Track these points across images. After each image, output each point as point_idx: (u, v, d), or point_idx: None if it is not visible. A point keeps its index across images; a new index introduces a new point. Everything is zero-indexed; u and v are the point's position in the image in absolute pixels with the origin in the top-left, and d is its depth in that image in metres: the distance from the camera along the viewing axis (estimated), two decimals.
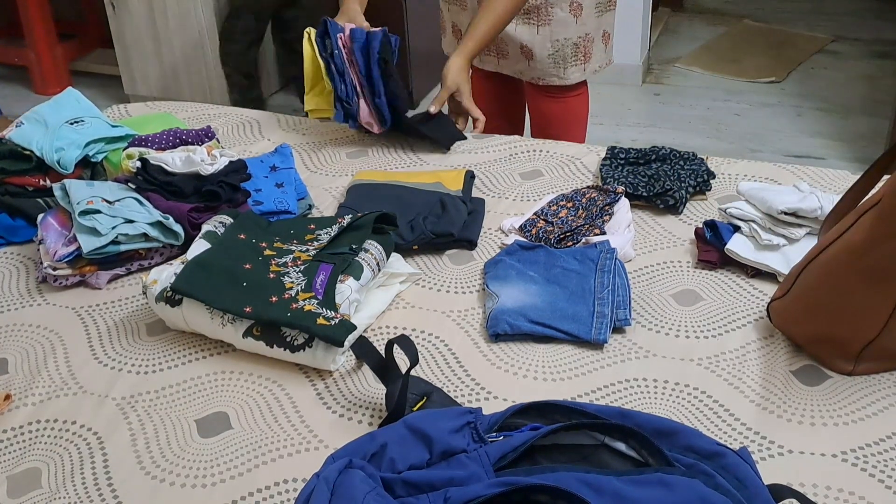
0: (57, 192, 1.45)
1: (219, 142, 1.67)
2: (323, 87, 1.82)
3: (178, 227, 1.43)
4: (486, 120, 1.88)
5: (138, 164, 1.52)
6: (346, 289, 1.23)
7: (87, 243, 1.36)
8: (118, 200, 1.43)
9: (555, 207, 1.53)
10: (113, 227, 1.38)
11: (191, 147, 1.57)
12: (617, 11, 2.12)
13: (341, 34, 1.75)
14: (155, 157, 1.51)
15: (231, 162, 1.52)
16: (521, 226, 1.51)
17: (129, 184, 1.49)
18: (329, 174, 1.74)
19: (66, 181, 1.47)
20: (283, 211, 1.55)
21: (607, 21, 2.07)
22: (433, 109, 1.83)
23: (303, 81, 1.85)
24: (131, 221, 1.40)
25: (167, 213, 1.43)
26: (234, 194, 1.49)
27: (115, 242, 1.39)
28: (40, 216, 1.46)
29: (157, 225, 1.42)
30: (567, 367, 1.20)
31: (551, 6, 1.95)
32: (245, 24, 3.48)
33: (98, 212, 1.39)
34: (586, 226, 1.45)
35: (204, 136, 1.64)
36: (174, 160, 1.50)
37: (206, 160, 1.49)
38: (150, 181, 1.49)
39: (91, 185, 1.46)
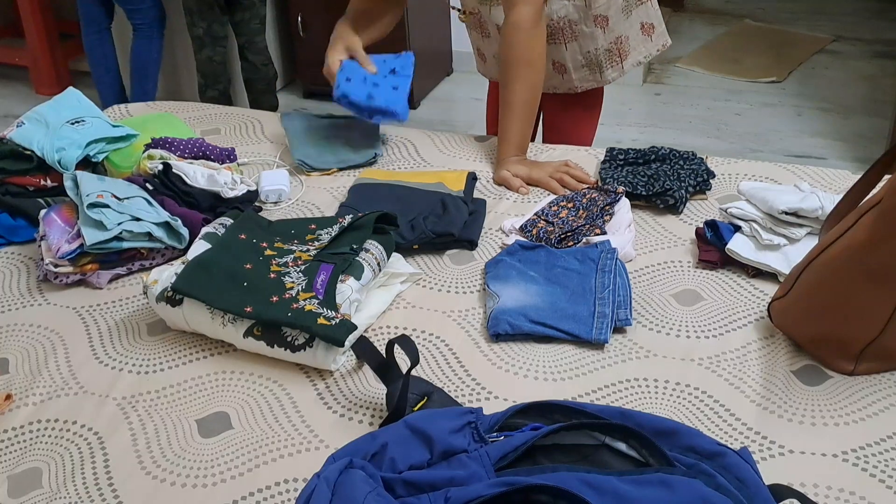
0: (67, 183, 1.45)
1: (239, 165, 1.67)
2: None
3: (184, 230, 1.43)
4: None
5: (159, 166, 1.53)
6: (347, 289, 1.23)
7: (91, 236, 1.36)
8: (127, 198, 1.43)
9: (555, 208, 1.53)
10: (119, 224, 1.38)
11: (214, 165, 1.59)
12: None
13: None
14: (177, 166, 1.53)
15: (249, 191, 1.57)
16: (521, 226, 1.51)
17: (148, 184, 1.50)
18: (330, 174, 1.74)
19: (78, 172, 1.48)
20: (392, 112, 1.64)
21: (643, 13, 1.99)
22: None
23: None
24: (138, 220, 1.41)
25: (180, 217, 1.44)
26: None
27: (118, 238, 1.39)
28: (42, 211, 1.46)
29: (164, 226, 1.43)
30: (568, 367, 1.20)
31: (574, 24, 1.90)
32: (195, 28, 3.52)
33: (106, 206, 1.39)
34: (587, 226, 1.45)
35: (227, 156, 1.65)
36: (195, 174, 1.52)
37: (228, 183, 1.53)
38: (167, 186, 1.50)
39: (102, 180, 1.47)
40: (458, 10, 2.06)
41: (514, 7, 1.66)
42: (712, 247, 1.40)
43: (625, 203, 1.51)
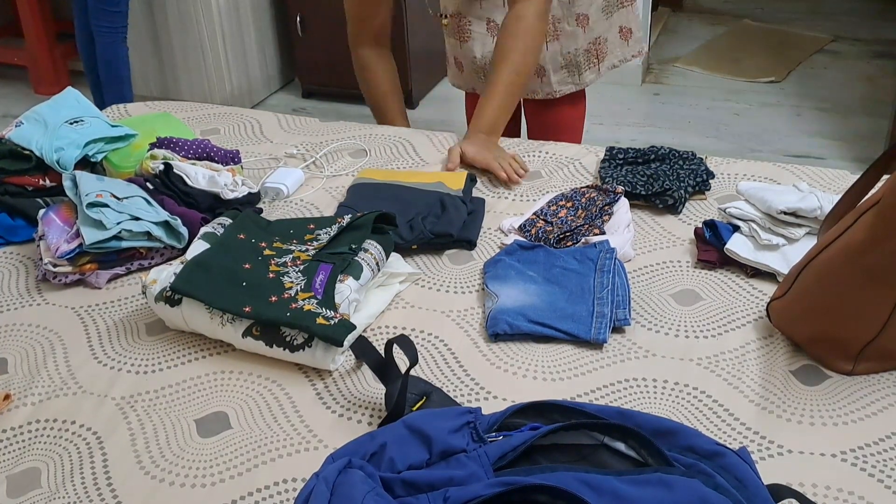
0: (66, 183, 1.45)
1: (242, 168, 1.67)
2: None
3: (183, 230, 1.43)
4: None
5: (161, 166, 1.53)
6: (346, 288, 1.23)
7: (90, 235, 1.36)
8: (126, 198, 1.43)
9: (554, 207, 1.53)
10: (118, 223, 1.38)
11: (215, 166, 1.59)
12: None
13: None
14: (179, 166, 1.53)
15: (250, 193, 1.56)
16: (520, 226, 1.51)
17: (149, 184, 1.50)
18: (329, 174, 1.74)
19: (77, 172, 1.48)
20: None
21: (623, 17, 2.02)
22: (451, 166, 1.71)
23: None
24: (137, 219, 1.41)
25: (179, 216, 1.44)
26: None
27: (117, 238, 1.39)
28: (41, 211, 1.46)
29: (163, 225, 1.43)
30: (566, 366, 1.20)
31: (557, 21, 1.92)
32: None
33: (106, 206, 1.39)
34: (586, 225, 1.45)
35: (231, 158, 1.65)
36: (197, 175, 1.52)
37: (228, 185, 1.53)
38: (168, 186, 1.51)
39: (101, 180, 1.47)
40: (441, 16, 2.07)
41: (522, 0, 1.69)
42: (711, 247, 1.40)
43: (624, 203, 1.51)
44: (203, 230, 1.35)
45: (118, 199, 1.42)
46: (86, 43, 3.57)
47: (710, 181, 1.61)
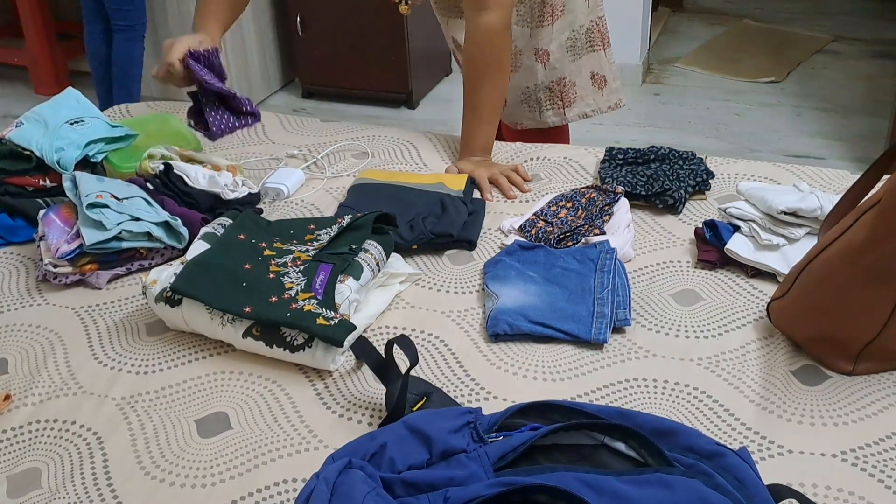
0: (66, 183, 1.46)
1: (243, 168, 1.68)
2: None
3: (183, 230, 1.44)
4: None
5: (161, 167, 1.53)
6: (346, 289, 1.23)
7: (91, 236, 1.36)
8: (127, 198, 1.44)
9: (554, 208, 1.53)
10: (118, 224, 1.39)
11: (218, 164, 1.61)
12: (616, 15, 1.98)
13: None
14: (179, 166, 1.53)
15: (250, 193, 1.57)
16: (520, 226, 1.51)
17: (149, 184, 1.51)
18: (330, 174, 1.74)
19: (76, 173, 1.48)
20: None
21: (594, 63, 1.94)
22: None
23: None
24: (138, 219, 1.41)
25: (179, 217, 1.44)
26: None
27: (117, 238, 1.39)
28: (41, 212, 1.46)
29: (163, 225, 1.43)
30: (567, 367, 1.20)
31: (520, 53, 1.89)
32: None
33: (106, 206, 1.40)
34: (586, 226, 1.45)
35: (250, 113, 1.67)
36: (196, 175, 1.52)
37: (229, 185, 1.54)
38: (168, 187, 1.51)
39: (101, 181, 1.47)
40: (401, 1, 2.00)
41: (487, 11, 1.65)
42: (711, 247, 1.40)
43: (624, 203, 1.51)
44: (203, 230, 1.35)
45: (118, 199, 1.42)
46: (92, 40, 3.59)
47: (710, 181, 1.61)
